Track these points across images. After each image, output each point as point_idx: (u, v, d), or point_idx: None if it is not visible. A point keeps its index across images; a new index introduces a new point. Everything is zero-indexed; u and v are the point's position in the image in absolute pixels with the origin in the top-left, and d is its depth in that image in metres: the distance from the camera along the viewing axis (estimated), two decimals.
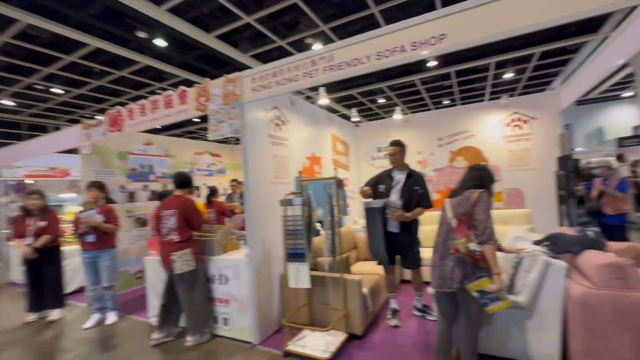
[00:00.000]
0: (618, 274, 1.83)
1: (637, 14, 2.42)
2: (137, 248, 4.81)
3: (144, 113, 3.65)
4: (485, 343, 2.23)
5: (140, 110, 3.68)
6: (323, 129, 4.60)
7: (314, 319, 3.05)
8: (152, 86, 7.89)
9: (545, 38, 8.57)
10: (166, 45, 5.72)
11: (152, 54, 6.22)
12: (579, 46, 8.87)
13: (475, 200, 2.04)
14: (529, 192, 4.45)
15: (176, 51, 6.23)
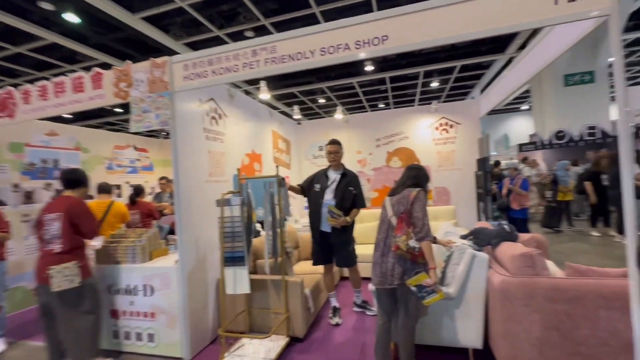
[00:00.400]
0: (529, 262, 2.07)
1: (537, 40, 2.80)
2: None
3: (44, 96, 3.03)
4: (420, 334, 2.34)
5: (39, 93, 3.05)
6: (264, 125, 4.42)
7: (254, 326, 2.89)
8: (61, 68, 6.72)
9: (464, 53, 9.70)
10: (79, 22, 4.89)
11: (60, 30, 5.27)
12: (490, 63, 10.23)
13: (414, 199, 2.12)
14: (453, 190, 4.90)
15: (93, 30, 5.37)
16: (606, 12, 1.77)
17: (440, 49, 9.88)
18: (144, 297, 2.72)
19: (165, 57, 2.66)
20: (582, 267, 2.05)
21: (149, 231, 3.00)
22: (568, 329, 1.88)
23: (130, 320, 2.75)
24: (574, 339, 1.87)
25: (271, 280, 2.83)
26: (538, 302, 1.93)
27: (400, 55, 10.40)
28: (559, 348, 1.90)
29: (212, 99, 3.22)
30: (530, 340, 1.94)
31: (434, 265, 2.02)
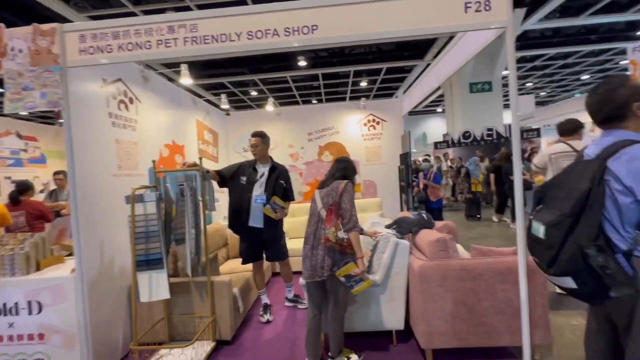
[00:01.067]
0: (442, 247, 2.28)
1: (448, 48, 3.11)
2: None
3: None
4: (349, 322, 2.41)
5: None
6: (187, 115, 4.03)
7: (176, 334, 2.62)
8: None
9: (390, 57, 10.45)
10: None
11: None
12: (411, 67, 11.21)
13: (342, 191, 2.15)
14: (380, 183, 5.21)
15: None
16: (504, 24, 2.03)
17: (369, 51, 10.47)
18: (28, 317, 2.23)
19: (55, 23, 2.19)
20: (484, 248, 2.35)
21: (35, 236, 2.46)
22: (473, 303, 2.13)
23: (10, 346, 2.23)
24: (478, 312, 2.13)
25: (195, 283, 2.60)
26: (450, 282, 2.14)
27: (332, 54, 10.65)
28: (467, 321, 2.14)
29: (121, 80, 2.78)
30: (443, 317, 2.15)
31: (361, 254, 2.08)
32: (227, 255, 3.95)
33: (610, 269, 1.13)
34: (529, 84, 16.21)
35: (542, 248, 1.31)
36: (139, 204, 2.27)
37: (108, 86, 2.63)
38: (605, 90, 1.30)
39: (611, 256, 1.15)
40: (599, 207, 1.19)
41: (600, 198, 1.19)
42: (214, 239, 3.70)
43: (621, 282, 1.13)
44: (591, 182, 1.20)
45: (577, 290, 1.26)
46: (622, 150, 1.19)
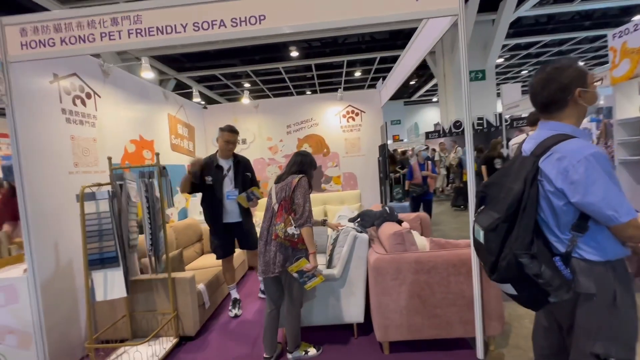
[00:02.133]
0: (399, 240, 2.27)
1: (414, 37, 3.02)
2: None
3: None
4: (309, 316, 2.41)
5: None
6: (157, 109, 3.95)
7: (139, 331, 2.61)
8: None
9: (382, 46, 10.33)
10: None
11: None
12: None
13: (295, 185, 2.12)
14: (360, 175, 5.18)
15: None
16: (454, 12, 1.97)
17: (362, 40, 10.31)
18: None
19: None
20: (442, 241, 2.34)
21: None
22: (427, 295, 2.13)
23: None
24: (431, 304, 2.13)
25: (156, 280, 2.58)
26: (404, 275, 2.13)
27: (325, 44, 10.50)
28: (421, 313, 2.14)
29: (75, 74, 2.71)
30: (398, 309, 2.14)
31: (313, 250, 2.06)
32: (202, 250, 3.94)
33: (544, 277, 1.06)
34: (524, 72, 16.08)
35: (484, 253, 1.23)
36: (91, 201, 2.23)
37: (60, 81, 2.55)
38: (552, 69, 1.16)
39: (547, 262, 1.07)
40: (533, 210, 1.09)
41: (533, 200, 1.09)
42: (186, 234, 3.69)
43: (558, 287, 1.06)
44: (524, 183, 1.10)
45: (517, 296, 1.19)
46: (554, 147, 1.08)
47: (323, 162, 5.17)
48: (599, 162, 1.00)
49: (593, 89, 1.14)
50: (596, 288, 1.06)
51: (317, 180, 5.20)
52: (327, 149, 5.16)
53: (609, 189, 0.99)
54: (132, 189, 2.43)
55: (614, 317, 1.06)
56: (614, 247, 1.07)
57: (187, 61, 10.28)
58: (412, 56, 3.06)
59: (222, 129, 2.94)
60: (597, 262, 1.07)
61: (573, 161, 1.02)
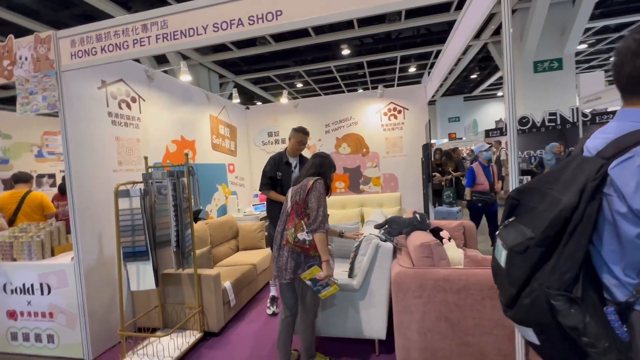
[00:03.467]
0: (426, 252, 2.01)
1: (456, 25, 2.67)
2: None
3: None
4: (326, 326, 2.28)
5: None
6: (199, 110, 4.16)
7: (169, 322, 2.76)
8: None
9: (439, 38, 9.67)
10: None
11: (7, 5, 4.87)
12: (466, 48, 10.22)
13: (310, 188, 2.00)
14: (401, 177, 4.86)
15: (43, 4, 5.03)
16: None
17: (417, 34, 9.76)
18: (41, 297, 2.52)
19: (50, 31, 2.37)
20: (479, 257, 2.02)
21: (52, 225, 2.77)
22: (457, 319, 1.85)
23: (28, 321, 2.56)
24: (461, 329, 1.85)
25: (186, 275, 2.69)
26: (429, 294, 1.88)
27: (377, 40, 10.19)
28: (449, 338, 1.87)
29: (122, 80, 2.95)
30: (421, 330, 1.90)
31: (326, 257, 1.93)
32: (237, 247, 4.05)
33: (587, 333, 0.75)
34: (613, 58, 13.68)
35: (503, 280, 0.95)
36: (125, 198, 2.39)
37: (108, 87, 2.80)
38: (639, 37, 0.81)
39: (593, 313, 0.77)
40: (586, 236, 0.78)
41: (589, 222, 0.77)
42: (222, 231, 3.82)
43: (606, 350, 0.75)
44: (579, 195, 0.78)
45: (539, 348, 0.91)
46: (636, 148, 0.74)
47: (362, 162, 4.97)
48: None
49: None
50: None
51: (354, 181, 5.02)
52: (366, 148, 4.94)
53: None
54: (163, 188, 2.56)
55: None
56: None
57: (244, 64, 10.76)
58: (456, 44, 2.72)
59: (297, 130, 2.96)
60: None
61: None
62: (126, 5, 5.90)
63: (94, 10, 5.67)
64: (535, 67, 9.43)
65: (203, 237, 3.36)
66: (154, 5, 5.33)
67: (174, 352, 2.35)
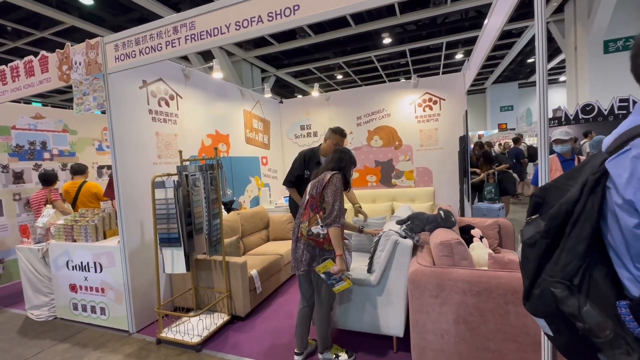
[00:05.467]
0: (446, 251, 1.92)
1: None
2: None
3: (4, 81, 3.15)
4: (344, 319, 2.30)
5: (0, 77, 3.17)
6: (233, 106, 4.35)
7: (202, 303, 2.98)
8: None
9: None
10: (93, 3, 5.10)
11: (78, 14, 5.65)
12: (521, 30, 9.37)
13: (327, 182, 2.01)
14: (436, 171, 4.64)
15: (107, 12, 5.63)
16: None
17: (465, 17, 9.11)
18: (95, 274, 2.87)
19: (98, 37, 2.64)
20: (505, 258, 1.88)
21: (104, 211, 3.12)
22: (476, 322, 1.75)
23: (85, 294, 2.94)
24: (481, 334, 1.75)
25: (215, 261, 2.87)
26: (447, 294, 1.81)
27: (420, 26, 9.72)
28: (467, 342, 1.78)
29: (161, 79, 3.19)
30: (438, 332, 1.84)
31: (340, 252, 1.94)
32: (267, 237, 4.20)
33: (583, 319, 0.76)
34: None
35: (522, 273, 0.96)
36: (161, 189, 2.60)
37: (148, 86, 3.04)
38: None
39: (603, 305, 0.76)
40: (588, 228, 0.79)
41: (590, 214, 0.79)
42: (253, 222, 3.99)
43: (613, 341, 0.73)
44: (580, 189, 0.81)
45: (553, 339, 0.90)
46: (634, 141, 0.74)
47: (394, 155, 4.83)
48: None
49: None
50: None
51: (386, 175, 4.90)
52: (399, 141, 4.79)
53: None
54: (196, 179, 2.74)
55: None
56: None
57: (285, 58, 10.94)
58: (492, 27, 2.50)
59: (335, 132, 2.87)
60: None
61: None
62: (176, 7, 6.30)
63: (149, 14, 6.16)
64: (606, 47, 8.27)
65: (234, 226, 3.54)
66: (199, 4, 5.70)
67: (202, 332, 2.54)
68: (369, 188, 4.94)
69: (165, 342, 2.55)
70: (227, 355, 2.35)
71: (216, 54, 8.21)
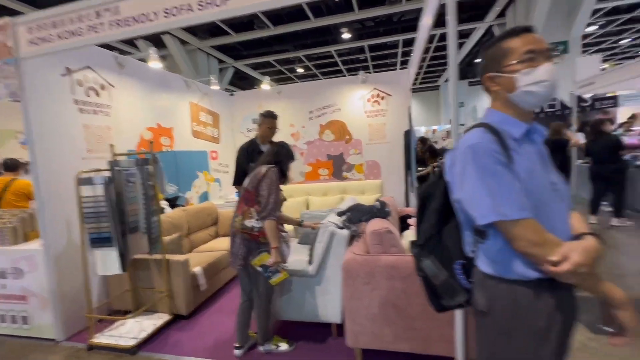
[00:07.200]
0: (377, 240, 2.03)
1: None
2: None
3: None
4: (285, 311, 2.34)
5: None
6: (177, 97, 4.15)
7: (141, 305, 2.84)
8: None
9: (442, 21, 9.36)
10: None
11: None
12: (470, 31, 9.93)
13: (262, 176, 2.02)
14: (383, 164, 4.83)
15: None
16: None
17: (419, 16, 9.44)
18: (14, 280, 2.61)
19: (7, 17, 2.36)
20: None
21: (25, 212, 2.83)
22: (403, 305, 1.88)
23: (3, 304, 2.66)
24: (408, 315, 1.88)
25: (154, 260, 2.75)
26: (378, 280, 1.91)
27: (378, 23, 9.91)
28: (395, 323, 1.91)
29: (89, 67, 2.94)
30: (369, 316, 1.94)
31: (275, 244, 1.97)
32: (217, 233, 4.11)
33: (424, 269, 1.06)
34: (624, 41, 13.11)
35: None
36: (89, 186, 2.42)
37: (73, 74, 2.79)
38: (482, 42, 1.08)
39: (444, 261, 1.04)
40: (435, 202, 1.06)
41: (438, 192, 1.05)
42: (199, 218, 3.87)
43: (446, 289, 1.04)
44: (439, 174, 1.06)
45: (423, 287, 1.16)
46: (462, 139, 0.97)
47: (345, 149, 4.94)
48: (475, 155, 0.87)
49: (511, 72, 0.91)
50: (488, 307, 0.93)
51: (338, 168, 5.01)
52: (349, 135, 4.91)
53: (474, 188, 0.87)
54: (130, 176, 2.59)
55: (504, 349, 0.92)
56: (515, 264, 0.89)
57: (244, 49, 10.58)
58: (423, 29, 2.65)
59: (265, 115, 2.88)
60: (492, 276, 0.93)
61: (458, 152, 0.93)
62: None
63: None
64: None
65: (178, 223, 3.41)
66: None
67: (139, 334, 2.44)
68: (321, 181, 5.01)
69: (97, 348, 2.40)
70: (165, 355, 2.28)
71: (167, 42, 7.74)
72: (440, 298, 1.08)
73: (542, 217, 0.87)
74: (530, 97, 0.91)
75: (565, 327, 0.90)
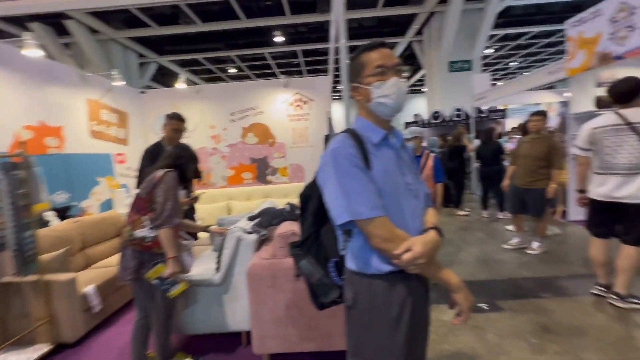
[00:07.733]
0: (282, 243, 2.04)
1: None
2: None
3: None
4: (192, 324, 2.21)
5: None
6: (69, 92, 3.62)
7: (12, 336, 2.38)
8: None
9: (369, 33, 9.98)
10: None
11: None
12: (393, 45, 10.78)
13: (158, 181, 1.86)
14: (307, 168, 4.93)
15: None
16: None
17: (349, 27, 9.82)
18: None
19: None
20: None
21: None
22: (305, 305, 1.91)
23: None
24: (310, 315, 1.93)
25: (29, 283, 2.34)
26: (281, 283, 1.92)
27: (310, 29, 10.03)
28: (299, 324, 1.94)
29: None
30: (274, 320, 1.94)
31: (172, 254, 1.83)
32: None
33: (301, 269, 1.15)
34: (513, 63, 15.68)
35: None
36: None
37: None
38: None
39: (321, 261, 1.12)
40: (313, 204, 1.12)
41: (316, 193, 1.08)
42: (99, 229, 3.42)
43: (320, 285, 1.13)
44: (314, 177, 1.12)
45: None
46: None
47: (269, 152, 4.91)
48: (335, 158, 0.94)
49: (367, 84, 1.00)
50: (353, 301, 1.01)
51: (262, 172, 4.95)
52: (272, 139, 4.89)
53: (332, 189, 0.93)
54: None
55: (366, 339, 0.99)
56: (372, 259, 0.97)
57: (168, 44, 9.75)
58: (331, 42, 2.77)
59: (170, 117, 2.73)
60: (356, 272, 1.00)
61: (323, 156, 0.99)
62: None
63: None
64: (450, 66, 10.36)
65: (66, 237, 2.95)
66: None
67: None
68: (245, 185, 4.89)
69: None
70: None
71: (72, 29, 6.71)
72: (317, 296, 1.14)
73: (396, 214, 0.96)
74: (382, 107, 1.00)
75: (414, 311, 1.01)
